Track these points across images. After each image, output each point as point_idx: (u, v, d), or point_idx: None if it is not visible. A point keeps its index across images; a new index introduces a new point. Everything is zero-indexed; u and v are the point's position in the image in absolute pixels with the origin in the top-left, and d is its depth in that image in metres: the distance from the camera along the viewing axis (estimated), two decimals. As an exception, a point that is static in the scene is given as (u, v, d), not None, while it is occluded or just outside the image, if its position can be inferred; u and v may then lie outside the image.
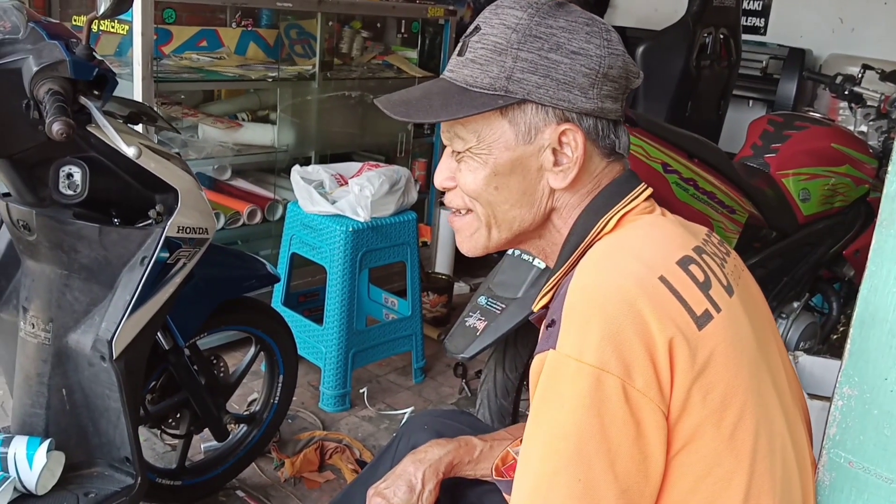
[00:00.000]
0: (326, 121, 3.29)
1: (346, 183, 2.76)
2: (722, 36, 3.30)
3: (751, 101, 4.35)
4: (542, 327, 0.96)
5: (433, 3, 3.59)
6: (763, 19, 4.40)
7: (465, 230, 1.07)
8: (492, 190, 1.01)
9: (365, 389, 2.82)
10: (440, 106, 0.99)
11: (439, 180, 1.08)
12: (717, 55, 3.30)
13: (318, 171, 2.82)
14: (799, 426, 1.04)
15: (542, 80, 0.96)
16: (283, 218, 2.94)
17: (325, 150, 3.36)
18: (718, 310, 0.92)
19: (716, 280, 0.96)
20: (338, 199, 2.68)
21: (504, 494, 1.15)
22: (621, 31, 4.60)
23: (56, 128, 1.28)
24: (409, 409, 2.74)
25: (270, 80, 3.09)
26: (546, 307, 1.01)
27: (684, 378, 0.86)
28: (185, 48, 3.23)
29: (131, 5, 1.42)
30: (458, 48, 1.03)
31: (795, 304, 2.63)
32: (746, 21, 4.40)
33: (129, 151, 1.40)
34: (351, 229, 2.60)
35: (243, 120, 3.28)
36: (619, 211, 0.99)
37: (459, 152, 1.02)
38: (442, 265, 3.73)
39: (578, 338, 0.86)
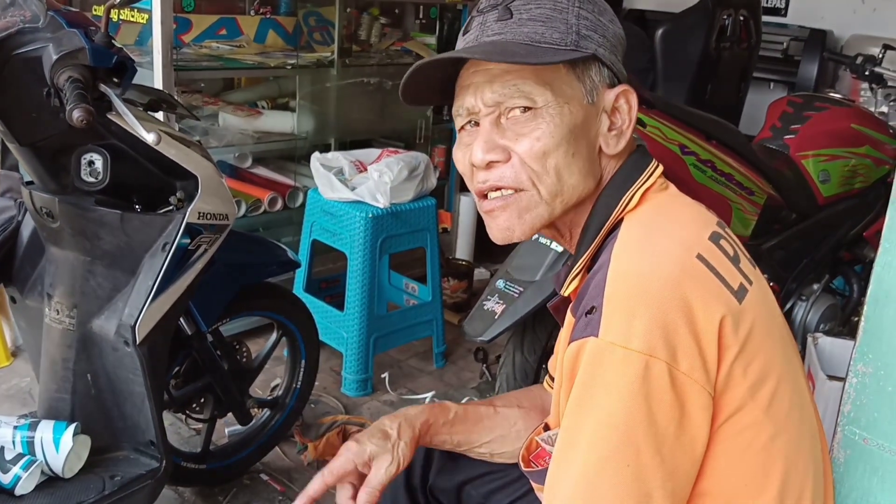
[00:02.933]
0: (346, 108, 3.30)
1: (366, 169, 2.77)
2: (742, 17, 3.27)
3: (771, 84, 4.30)
4: (573, 313, 0.94)
5: (451, -11, 3.59)
6: (784, 0, 4.35)
7: (516, 207, 0.98)
8: (570, 155, 0.96)
9: (386, 374, 2.84)
10: (526, 53, 0.93)
11: (484, 153, 0.97)
12: (737, 37, 3.27)
13: (337, 157, 2.84)
14: (812, 398, 1.04)
15: (602, 40, 0.97)
16: (303, 205, 2.96)
17: (344, 137, 3.37)
18: (750, 282, 0.92)
19: (741, 253, 0.96)
20: (357, 186, 2.69)
21: (533, 484, 1.14)
22: (640, 13, 4.58)
23: (76, 115, 1.30)
24: (430, 394, 2.76)
25: (289, 67, 3.10)
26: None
27: (730, 354, 0.86)
28: (205, 37, 3.25)
29: (149, -6, 1.43)
30: (498, 14, 0.97)
31: (815, 286, 2.61)
32: (767, 2, 4.34)
33: (149, 138, 1.41)
34: (371, 215, 2.62)
35: (263, 108, 3.31)
36: (640, 187, 0.98)
37: (527, 109, 0.95)
38: (462, 251, 3.74)
39: (624, 325, 0.84)
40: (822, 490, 0.96)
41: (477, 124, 1.00)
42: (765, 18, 3.67)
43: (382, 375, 2.83)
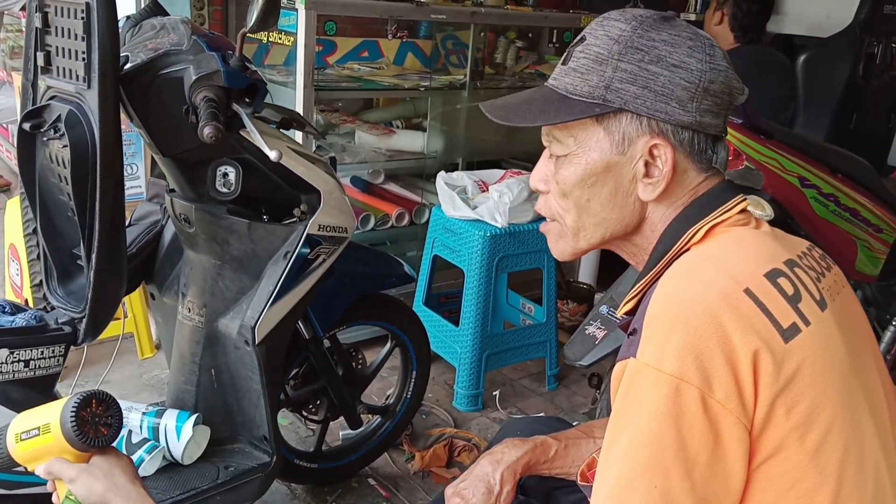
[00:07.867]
0: (474, 129, 3.37)
1: (488, 189, 2.83)
2: (893, 45, 3.10)
3: (929, 115, 4.03)
4: (626, 335, 0.97)
5: (586, 13, 3.60)
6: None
7: (553, 233, 1.11)
8: (584, 199, 1.03)
9: (498, 392, 2.88)
10: (539, 111, 1.03)
11: (534, 181, 1.10)
12: (886, 65, 3.10)
13: (461, 177, 2.92)
14: None
15: (640, 91, 0.97)
16: (428, 221, 3.05)
17: (472, 158, 3.45)
18: (808, 323, 0.90)
19: (807, 293, 0.94)
20: (478, 205, 2.76)
21: (589, 499, 1.17)
22: (788, 38, 4.41)
23: (206, 131, 1.43)
24: (539, 415, 2.77)
25: (423, 88, 3.22)
26: (629, 313, 1.02)
27: (768, 391, 0.85)
28: (349, 58, 3.44)
29: (276, 21, 1.54)
30: (563, 57, 1.06)
31: (953, 333, 2.42)
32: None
33: (271, 154, 1.52)
34: (488, 234, 2.67)
35: (397, 127, 3.44)
36: (709, 222, 0.98)
37: (558, 156, 1.05)
38: (585, 274, 3.72)
39: (659, 347, 0.86)
40: None
41: None
42: (922, 46, 3.46)
43: (494, 393, 2.86)
